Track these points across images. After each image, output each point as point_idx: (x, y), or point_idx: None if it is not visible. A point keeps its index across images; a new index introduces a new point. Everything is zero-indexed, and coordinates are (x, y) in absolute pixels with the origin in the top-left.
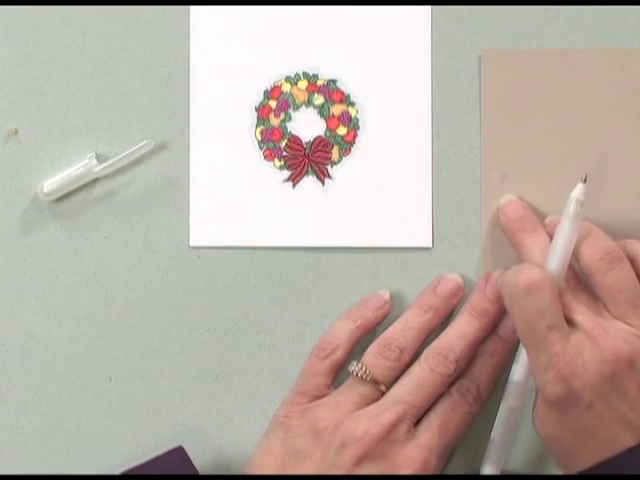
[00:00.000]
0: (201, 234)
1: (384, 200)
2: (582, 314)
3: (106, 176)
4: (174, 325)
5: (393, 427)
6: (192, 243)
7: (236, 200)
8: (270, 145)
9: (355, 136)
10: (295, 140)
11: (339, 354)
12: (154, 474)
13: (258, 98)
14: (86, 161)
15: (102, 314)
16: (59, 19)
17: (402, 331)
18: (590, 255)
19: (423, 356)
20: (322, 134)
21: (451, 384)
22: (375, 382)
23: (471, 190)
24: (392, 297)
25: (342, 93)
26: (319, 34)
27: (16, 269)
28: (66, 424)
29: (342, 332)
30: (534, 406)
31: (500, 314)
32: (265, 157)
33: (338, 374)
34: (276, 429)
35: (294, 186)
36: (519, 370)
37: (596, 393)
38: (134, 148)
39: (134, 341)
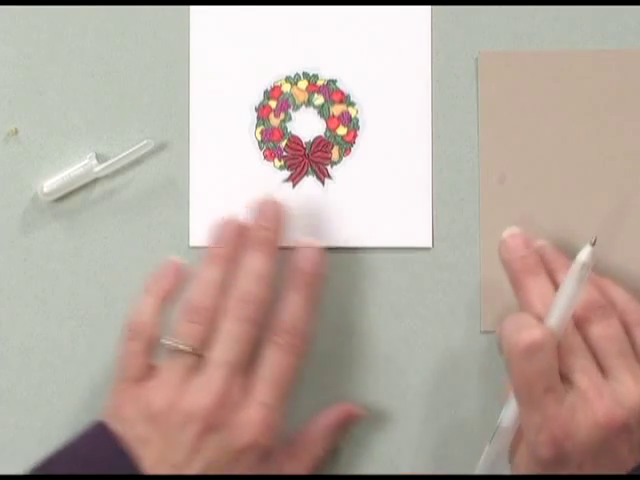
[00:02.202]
0: (201, 234)
1: (384, 200)
2: (578, 372)
3: (106, 176)
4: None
5: (225, 392)
6: (192, 243)
7: (236, 200)
8: (270, 145)
9: (355, 136)
10: (295, 140)
11: (149, 330)
12: (78, 454)
13: (258, 98)
14: (86, 161)
15: (102, 314)
16: (59, 19)
17: (202, 291)
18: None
19: (225, 309)
20: (322, 134)
21: (270, 329)
22: (194, 349)
23: (471, 190)
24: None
25: (342, 93)
26: (319, 34)
27: (16, 269)
28: (66, 424)
29: (146, 308)
30: (513, 449)
31: (280, 238)
32: (265, 157)
33: (155, 350)
34: (114, 424)
35: (294, 186)
36: (508, 416)
37: (587, 455)
38: (134, 148)
39: None
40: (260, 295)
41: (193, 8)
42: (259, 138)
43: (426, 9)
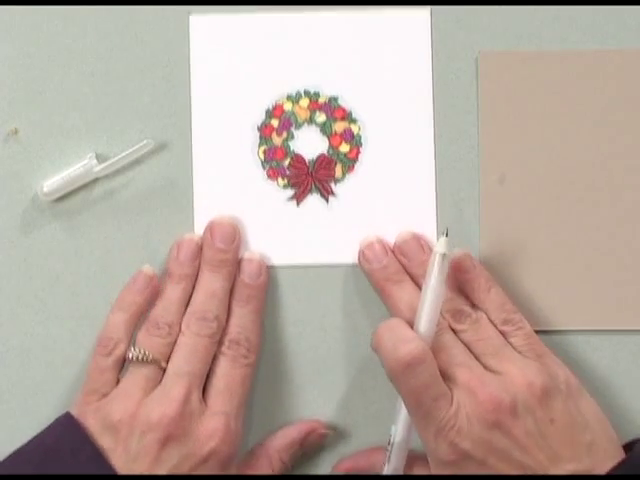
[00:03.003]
0: None
1: (388, 216)
2: (457, 367)
3: (106, 176)
4: None
5: (185, 401)
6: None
7: (241, 220)
8: (273, 164)
9: (358, 153)
10: (298, 159)
11: (122, 347)
12: (46, 446)
13: (260, 117)
14: (86, 161)
15: (102, 314)
16: (59, 19)
17: (164, 308)
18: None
19: (184, 324)
20: (325, 152)
21: (221, 342)
22: (155, 361)
23: (471, 190)
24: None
25: (344, 110)
26: (319, 52)
27: (16, 269)
28: None
29: (118, 325)
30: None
31: (236, 258)
32: (269, 176)
33: (123, 367)
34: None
35: (298, 204)
36: (400, 430)
37: (487, 448)
38: (134, 148)
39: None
40: (216, 312)
41: (193, 25)
42: (262, 157)
43: (425, 19)
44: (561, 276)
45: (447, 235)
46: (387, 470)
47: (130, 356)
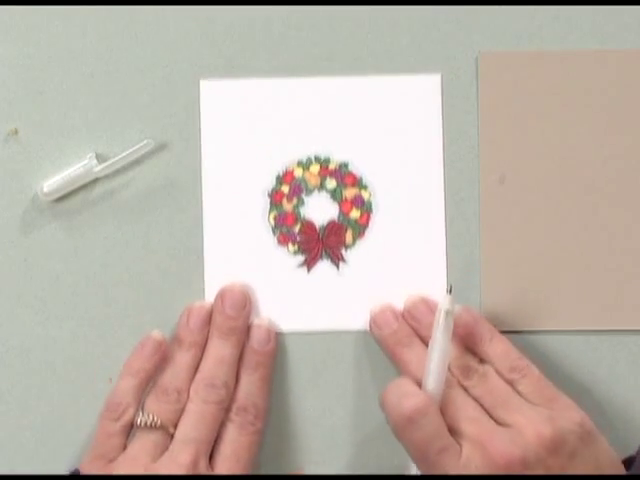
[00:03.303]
0: None
1: (399, 280)
2: (465, 422)
3: (106, 176)
4: (174, 325)
5: (192, 468)
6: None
7: (251, 285)
8: (284, 230)
9: (368, 219)
10: (308, 225)
11: (131, 412)
12: None
13: (270, 183)
14: (86, 161)
15: (102, 314)
16: (59, 19)
17: (173, 375)
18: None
19: (192, 391)
20: (335, 218)
21: (228, 409)
22: (163, 427)
23: (471, 190)
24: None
25: (354, 176)
26: (329, 117)
27: (16, 269)
28: (66, 424)
29: (127, 390)
30: None
31: (245, 325)
32: (279, 242)
33: (130, 433)
34: None
35: (309, 271)
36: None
37: None
38: (134, 148)
39: (134, 341)
40: (224, 379)
41: (203, 92)
42: (272, 223)
43: (436, 84)
44: (561, 276)
45: (451, 292)
46: None
47: (138, 421)
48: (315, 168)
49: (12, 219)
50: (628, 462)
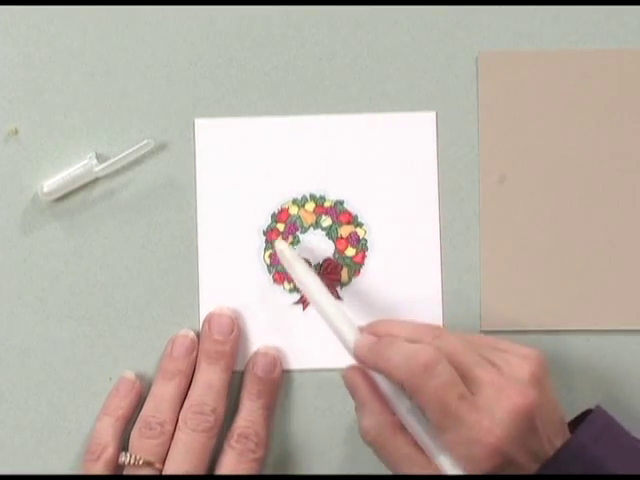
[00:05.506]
0: None
1: (395, 316)
2: (477, 368)
3: (106, 176)
4: (175, 325)
5: None
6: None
7: (246, 323)
8: (279, 268)
9: (364, 257)
10: None
11: (110, 451)
12: None
13: (266, 222)
14: (86, 161)
15: (102, 314)
16: (59, 19)
17: (155, 407)
18: None
19: (180, 420)
20: (331, 256)
21: (229, 436)
22: (149, 464)
23: (471, 190)
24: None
25: (349, 214)
26: (324, 156)
27: (16, 269)
28: (66, 424)
29: (105, 429)
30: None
31: (234, 350)
32: (274, 280)
33: (115, 471)
34: None
35: (304, 309)
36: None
37: (518, 443)
38: (134, 148)
39: (134, 341)
40: (213, 405)
41: (198, 131)
42: (268, 262)
43: (431, 122)
44: (561, 276)
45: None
46: None
47: (122, 461)
48: (310, 206)
49: (12, 219)
50: (582, 416)
